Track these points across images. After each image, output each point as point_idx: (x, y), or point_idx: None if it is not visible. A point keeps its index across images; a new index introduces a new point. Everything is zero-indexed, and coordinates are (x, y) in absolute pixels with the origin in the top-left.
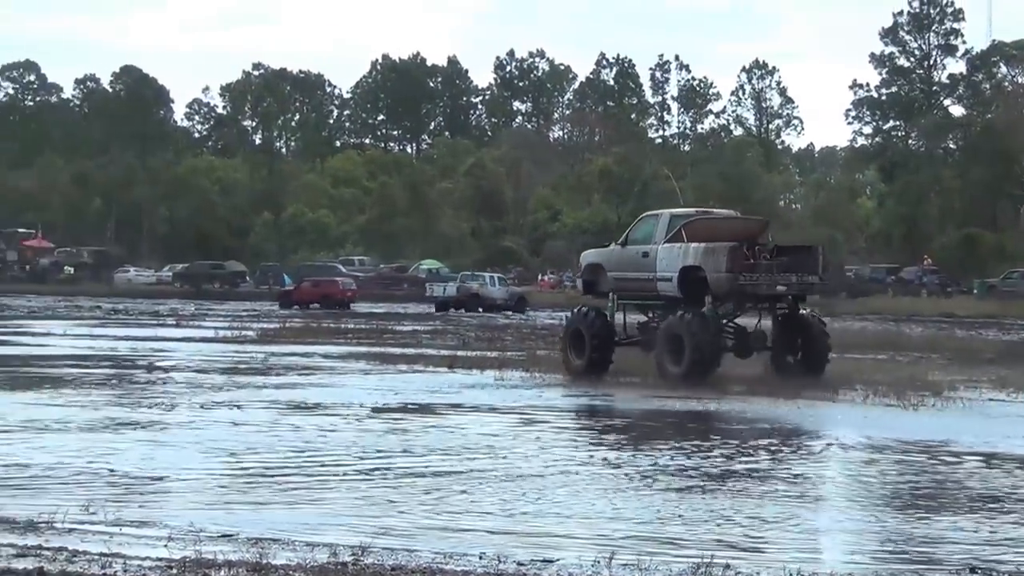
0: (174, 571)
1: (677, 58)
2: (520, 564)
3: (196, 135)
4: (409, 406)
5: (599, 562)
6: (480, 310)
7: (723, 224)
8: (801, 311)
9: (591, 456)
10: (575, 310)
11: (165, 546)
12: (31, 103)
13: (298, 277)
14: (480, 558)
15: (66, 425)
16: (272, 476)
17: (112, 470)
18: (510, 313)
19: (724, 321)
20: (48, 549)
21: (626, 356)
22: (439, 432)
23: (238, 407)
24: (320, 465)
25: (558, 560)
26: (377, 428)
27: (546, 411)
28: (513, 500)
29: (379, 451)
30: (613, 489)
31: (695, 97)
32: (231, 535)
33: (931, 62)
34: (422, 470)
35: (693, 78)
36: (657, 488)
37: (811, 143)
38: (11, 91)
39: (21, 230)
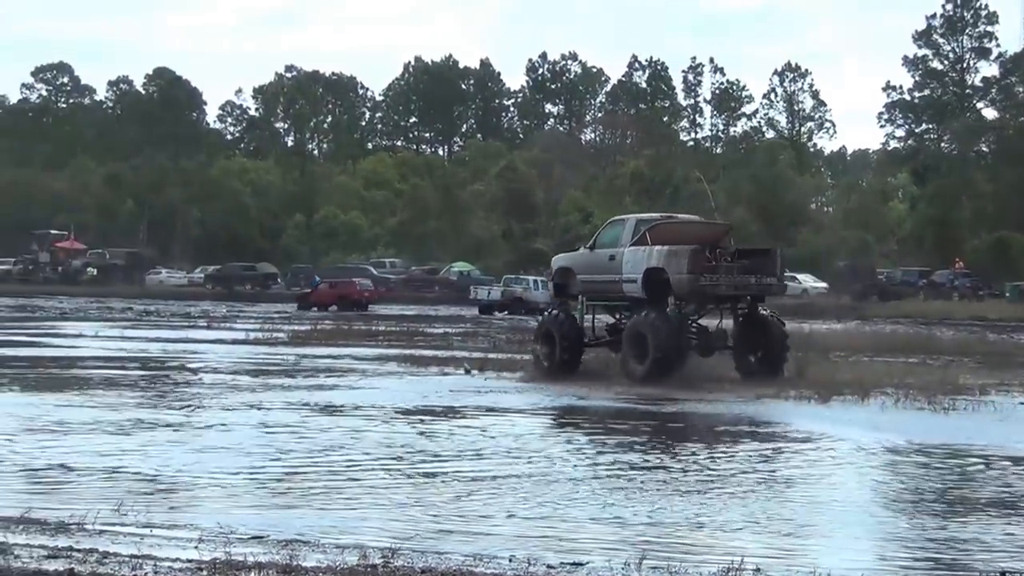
0: (204, 573)
1: (711, 61)
2: (550, 567)
3: (229, 137)
4: (438, 408)
5: (629, 565)
6: (523, 313)
7: (686, 228)
8: (761, 312)
9: (617, 459)
10: (546, 312)
11: (196, 548)
12: (64, 105)
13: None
14: (510, 561)
15: (96, 426)
16: (302, 478)
17: (142, 472)
18: None
19: (687, 321)
20: (79, 550)
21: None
22: (468, 434)
23: (268, 409)
24: (350, 467)
25: (588, 563)
26: (406, 430)
27: (575, 414)
28: (542, 503)
29: (408, 453)
30: (641, 491)
31: (727, 100)
32: (261, 537)
33: (964, 65)
34: (451, 472)
35: (726, 81)
36: (686, 491)
37: (843, 146)
38: (44, 93)
39: (53, 231)
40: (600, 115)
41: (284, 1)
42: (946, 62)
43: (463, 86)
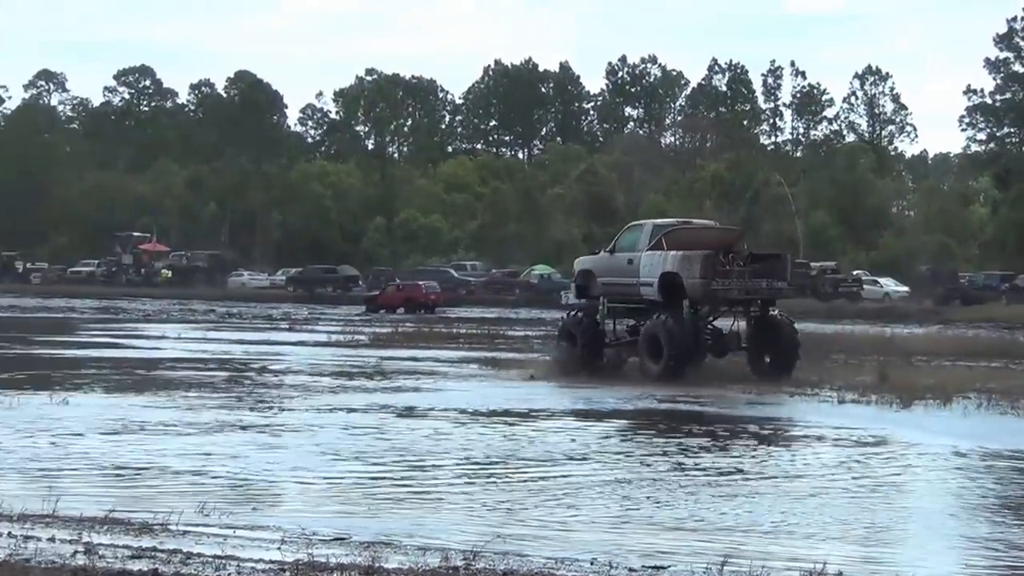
0: (287, 574)
1: (792, 64)
2: (631, 570)
3: (309, 140)
4: (518, 411)
5: (710, 569)
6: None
7: (701, 233)
8: (772, 314)
9: (697, 462)
10: (568, 314)
11: (278, 549)
12: (147, 108)
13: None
14: (591, 564)
15: (179, 428)
16: (383, 479)
17: (225, 473)
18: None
19: (702, 323)
20: (163, 551)
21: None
22: (549, 437)
23: (350, 411)
24: (431, 469)
25: (669, 567)
26: (487, 432)
27: (650, 416)
28: (622, 505)
29: (488, 456)
30: (723, 495)
31: (808, 103)
32: (343, 538)
33: None
34: (532, 475)
35: (806, 84)
36: (768, 495)
37: (924, 149)
38: (127, 96)
39: (136, 234)
40: (680, 118)
41: (365, 4)
42: None
43: (543, 89)
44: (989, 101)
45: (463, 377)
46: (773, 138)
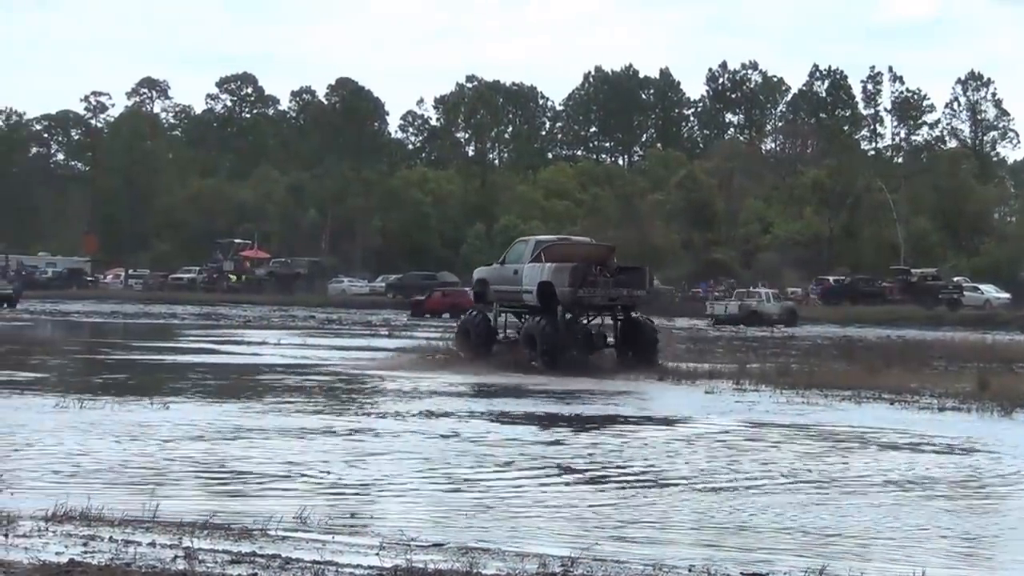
0: None
1: (890, 69)
2: None
3: (410, 147)
4: (615, 417)
5: (809, 575)
6: (758, 325)
7: (576, 248)
8: (634, 316)
9: (793, 466)
10: (467, 313)
11: (377, 555)
12: (248, 115)
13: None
14: (690, 571)
15: (279, 433)
16: (480, 485)
17: (324, 478)
18: (782, 327)
19: (573, 325)
20: (262, 556)
21: None
22: (647, 443)
23: (447, 417)
24: (526, 474)
25: (768, 573)
26: (583, 439)
27: (752, 424)
28: (719, 511)
29: (585, 461)
30: (824, 500)
31: (908, 109)
32: (441, 544)
33: None
34: (630, 481)
35: (906, 89)
36: (867, 499)
37: None
38: (229, 103)
39: (238, 240)
40: (780, 124)
41: (466, 11)
42: None
43: (643, 95)
44: None
45: (557, 383)
46: (873, 144)
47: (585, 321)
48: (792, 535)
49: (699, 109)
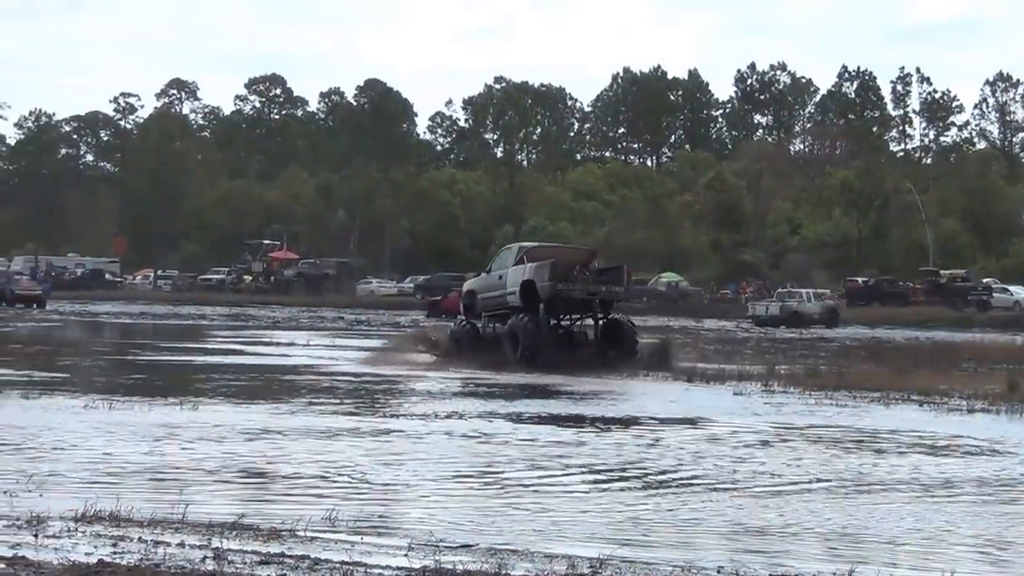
0: None
1: (919, 70)
2: None
3: (438, 148)
4: (644, 418)
5: None
6: (799, 326)
7: (557, 251)
8: (614, 316)
9: (824, 467)
10: (456, 323)
11: (405, 555)
12: (277, 116)
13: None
14: (718, 572)
15: (306, 433)
16: (509, 486)
17: (352, 479)
18: (824, 327)
19: (553, 323)
20: (291, 557)
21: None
22: (674, 444)
23: (475, 417)
24: (556, 476)
25: (796, 575)
26: (609, 440)
27: (780, 426)
28: (747, 513)
29: (615, 463)
30: (845, 503)
31: (937, 110)
32: (470, 545)
33: None
34: (658, 482)
35: (935, 91)
36: (893, 501)
37: None
38: (258, 104)
39: (267, 242)
40: (809, 125)
41: (494, 13)
42: None
43: (671, 97)
44: None
45: (584, 383)
46: (902, 145)
47: (567, 321)
48: (820, 537)
49: (727, 110)
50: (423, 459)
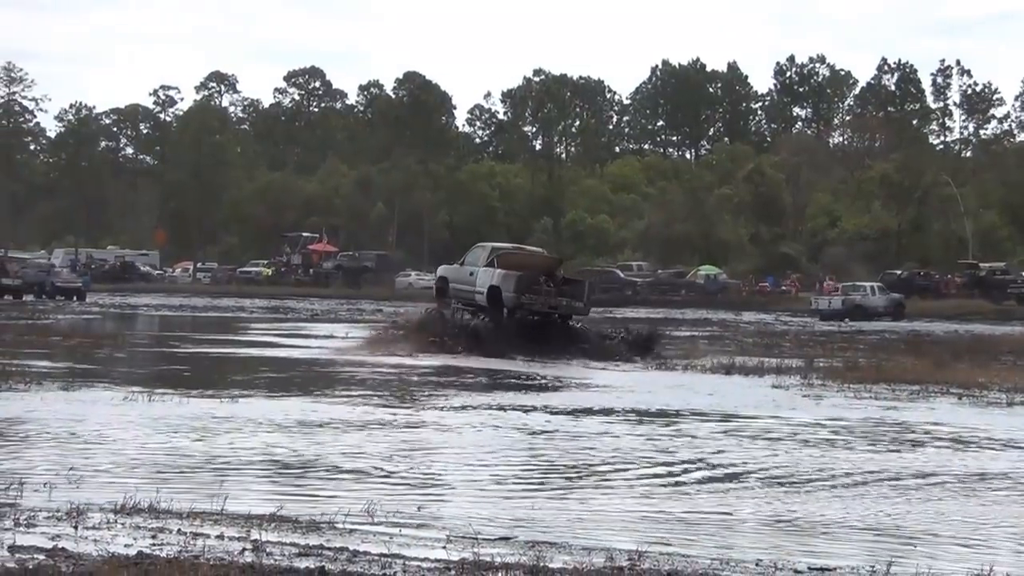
0: (452, 573)
1: (959, 63)
2: (797, 572)
3: (477, 140)
4: (681, 411)
5: (876, 571)
6: (862, 319)
7: (527, 258)
8: (571, 324)
9: (870, 461)
10: (425, 310)
11: (444, 548)
12: (316, 109)
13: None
14: (756, 565)
15: (345, 426)
16: (548, 479)
17: (390, 471)
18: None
19: (513, 324)
20: (329, 549)
21: None
22: (711, 437)
23: (512, 409)
24: (593, 468)
25: (835, 568)
26: (645, 432)
27: (818, 419)
28: (785, 506)
29: (654, 456)
30: (883, 497)
31: (977, 102)
32: (508, 538)
33: None
34: (695, 475)
35: (975, 83)
36: (931, 494)
37: None
38: (297, 97)
39: (305, 234)
40: (848, 118)
41: (532, 5)
42: None
43: (710, 89)
44: None
45: (625, 375)
46: (942, 138)
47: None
48: (858, 531)
49: (767, 103)
50: (460, 451)
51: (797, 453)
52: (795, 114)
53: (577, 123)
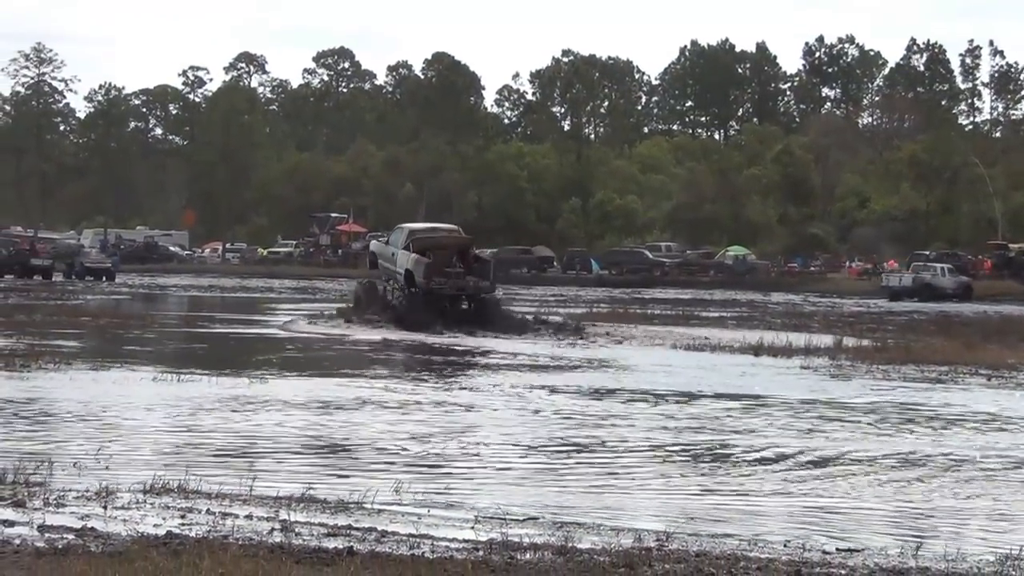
0: (481, 553)
1: (990, 43)
2: (825, 553)
3: (506, 121)
4: (709, 392)
5: (904, 552)
6: (932, 299)
7: (438, 240)
8: (483, 297)
9: (891, 442)
10: (359, 283)
11: (472, 528)
12: (345, 90)
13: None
14: (785, 546)
15: (373, 406)
16: (576, 460)
17: (419, 451)
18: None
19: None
20: (358, 529)
21: None
22: (737, 418)
23: (543, 390)
24: (622, 450)
25: (863, 550)
26: (677, 413)
27: (845, 400)
28: (812, 487)
29: (681, 437)
30: (911, 479)
31: (1007, 83)
32: (536, 518)
33: None
34: (722, 457)
35: (1006, 63)
36: (958, 476)
37: None
38: (326, 78)
39: (334, 215)
40: (877, 99)
41: None
42: None
43: (739, 69)
44: None
45: (653, 356)
46: (972, 118)
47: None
48: (887, 512)
49: (795, 83)
50: (489, 431)
51: (823, 433)
52: (824, 95)
53: (606, 104)
